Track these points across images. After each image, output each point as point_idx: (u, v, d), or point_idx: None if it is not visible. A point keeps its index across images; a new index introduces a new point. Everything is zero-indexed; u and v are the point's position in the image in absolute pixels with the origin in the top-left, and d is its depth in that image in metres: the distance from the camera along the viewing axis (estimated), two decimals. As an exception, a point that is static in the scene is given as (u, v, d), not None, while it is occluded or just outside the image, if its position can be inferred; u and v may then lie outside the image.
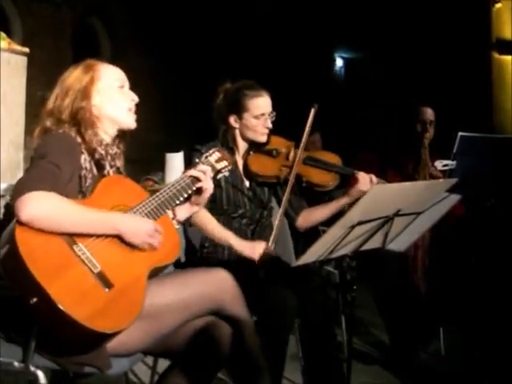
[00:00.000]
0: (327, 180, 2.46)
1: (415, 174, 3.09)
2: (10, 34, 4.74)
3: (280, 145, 2.51)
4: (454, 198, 2.11)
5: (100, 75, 1.90)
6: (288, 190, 2.39)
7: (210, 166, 1.98)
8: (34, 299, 1.53)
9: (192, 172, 1.92)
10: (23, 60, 3.62)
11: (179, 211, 1.96)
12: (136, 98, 1.95)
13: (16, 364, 1.68)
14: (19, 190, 1.58)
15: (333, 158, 2.52)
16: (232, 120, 2.47)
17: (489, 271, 3.02)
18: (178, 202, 1.87)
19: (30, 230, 1.57)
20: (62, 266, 1.58)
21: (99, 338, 1.60)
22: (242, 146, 2.51)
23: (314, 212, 2.55)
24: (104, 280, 1.62)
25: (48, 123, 1.83)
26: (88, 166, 1.80)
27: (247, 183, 2.52)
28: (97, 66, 1.92)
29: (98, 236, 1.67)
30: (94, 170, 1.83)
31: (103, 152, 1.86)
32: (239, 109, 2.44)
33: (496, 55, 6.33)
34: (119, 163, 1.93)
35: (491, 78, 6.35)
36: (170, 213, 1.92)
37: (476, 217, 3.10)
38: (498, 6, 6.31)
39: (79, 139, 1.81)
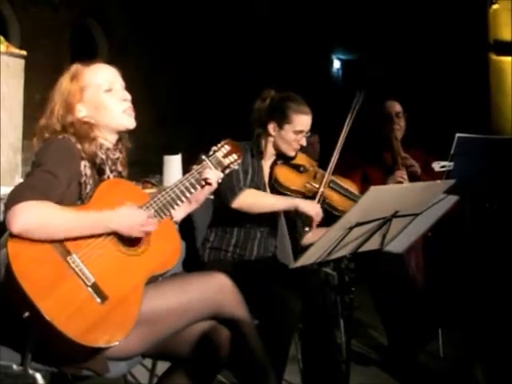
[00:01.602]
0: (347, 206, 2.50)
1: (395, 166, 3.13)
2: (7, 37, 4.75)
3: (306, 162, 2.58)
4: (452, 199, 2.11)
5: (85, 84, 1.85)
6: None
7: (217, 162, 1.94)
8: (27, 313, 1.52)
9: (198, 171, 1.89)
10: (21, 63, 3.63)
11: (176, 212, 1.94)
12: (128, 97, 1.89)
13: (15, 367, 1.68)
14: (10, 201, 1.56)
15: (352, 187, 2.61)
16: (271, 127, 2.50)
17: (488, 271, 3.02)
18: (180, 203, 1.84)
19: (23, 242, 1.54)
20: (55, 280, 1.56)
21: (94, 350, 1.59)
22: (271, 153, 2.55)
23: (320, 233, 2.55)
24: (98, 292, 1.60)
25: (46, 135, 1.81)
26: (88, 172, 1.77)
27: (268, 190, 2.54)
28: (81, 74, 1.86)
29: (94, 245, 1.65)
30: (95, 176, 1.81)
31: (104, 156, 1.83)
32: (282, 119, 2.48)
33: (493, 56, 6.34)
34: (121, 168, 1.90)
35: (489, 79, 6.36)
36: (172, 211, 1.89)
37: (474, 218, 3.10)
38: (495, 6, 6.32)
39: (79, 146, 1.77)
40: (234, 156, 1.98)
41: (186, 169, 2.32)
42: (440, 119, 6.17)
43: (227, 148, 1.97)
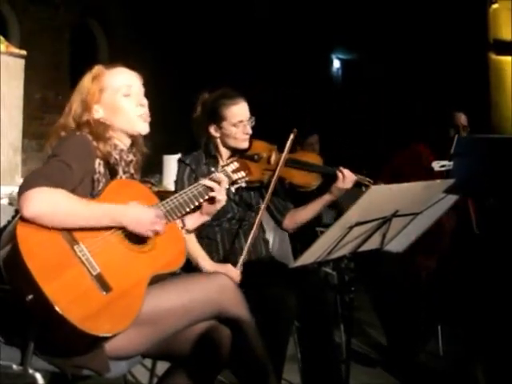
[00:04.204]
0: (309, 181, 2.49)
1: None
2: (7, 37, 4.75)
3: (261, 149, 2.52)
4: (452, 198, 2.11)
5: (104, 85, 1.88)
6: (269, 193, 2.38)
7: (226, 176, 1.97)
8: (30, 296, 1.52)
9: (206, 182, 1.91)
10: (21, 62, 3.63)
11: (188, 220, 1.96)
12: (145, 102, 1.91)
13: (15, 367, 1.68)
14: (24, 186, 1.58)
15: (314, 158, 2.55)
16: (212, 130, 2.49)
17: (488, 271, 3.02)
18: (188, 209, 1.86)
19: (32, 226, 1.56)
20: (61, 265, 1.58)
21: (93, 341, 1.60)
22: (225, 153, 2.51)
23: (299, 213, 2.58)
24: (102, 283, 1.61)
25: (63, 133, 1.83)
26: (102, 170, 1.80)
27: (233, 188, 2.53)
28: (102, 75, 1.89)
29: (102, 237, 1.66)
30: (108, 175, 1.83)
31: (117, 157, 1.86)
32: (217, 118, 2.46)
33: (493, 56, 6.35)
34: (133, 171, 1.91)
35: (489, 78, 6.36)
36: (178, 222, 1.91)
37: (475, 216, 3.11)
38: (495, 6, 6.33)
39: (95, 143, 1.80)
40: (243, 173, 2.02)
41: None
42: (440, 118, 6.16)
43: (236, 165, 2.01)
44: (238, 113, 2.45)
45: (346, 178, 2.39)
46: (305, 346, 2.38)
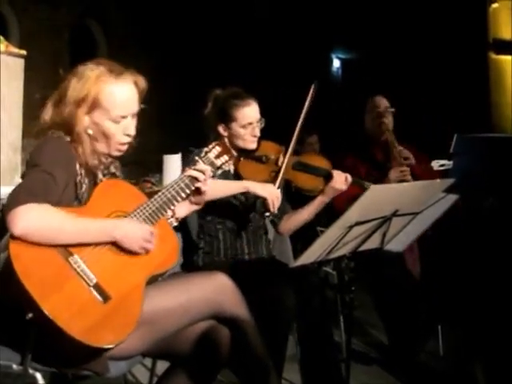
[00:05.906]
0: (315, 185, 2.49)
1: (387, 162, 3.13)
2: (7, 37, 4.74)
3: (270, 150, 2.53)
4: (452, 198, 2.11)
5: (103, 100, 1.76)
6: (280, 177, 2.40)
7: (210, 163, 1.96)
8: (30, 314, 1.52)
9: (191, 172, 1.89)
10: (21, 62, 3.62)
11: (178, 209, 1.95)
12: (132, 133, 1.82)
13: (15, 366, 1.68)
14: (11, 203, 1.55)
15: (322, 163, 2.54)
16: (221, 129, 2.50)
17: (488, 270, 3.02)
18: (176, 203, 1.85)
19: (24, 243, 1.54)
20: (57, 280, 1.56)
21: (97, 350, 1.60)
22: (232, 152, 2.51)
23: (294, 217, 2.58)
24: (100, 292, 1.61)
25: (42, 127, 1.78)
26: (83, 171, 1.77)
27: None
28: (104, 86, 1.76)
29: (94, 246, 1.65)
30: (91, 175, 1.81)
31: (96, 162, 1.82)
32: (227, 118, 2.47)
33: (493, 55, 6.34)
34: (114, 169, 1.90)
35: (488, 78, 6.36)
36: (169, 211, 1.91)
37: (473, 217, 3.11)
38: (495, 5, 6.32)
39: (74, 144, 1.76)
40: (226, 157, 2.00)
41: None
42: (440, 118, 6.17)
43: (218, 149, 2.00)
44: (248, 115, 2.46)
45: (335, 179, 2.42)
46: (305, 345, 2.38)
